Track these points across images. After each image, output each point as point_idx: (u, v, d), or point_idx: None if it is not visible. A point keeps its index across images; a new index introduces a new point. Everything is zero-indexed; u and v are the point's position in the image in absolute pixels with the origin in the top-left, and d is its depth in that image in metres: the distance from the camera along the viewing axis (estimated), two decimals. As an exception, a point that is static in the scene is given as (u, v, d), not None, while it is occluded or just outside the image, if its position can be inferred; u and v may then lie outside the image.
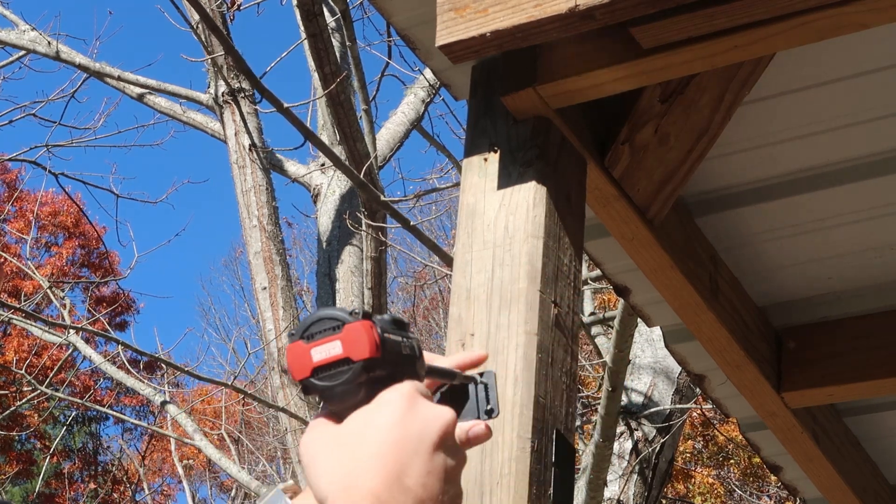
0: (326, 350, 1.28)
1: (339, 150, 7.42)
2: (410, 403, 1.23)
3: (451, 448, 1.25)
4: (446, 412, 1.27)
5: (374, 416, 1.23)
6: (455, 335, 2.03)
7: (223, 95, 8.48)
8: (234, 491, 19.30)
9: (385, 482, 1.17)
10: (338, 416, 1.29)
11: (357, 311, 1.30)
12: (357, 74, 7.61)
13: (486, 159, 2.16)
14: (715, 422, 12.15)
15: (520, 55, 2.17)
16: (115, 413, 11.81)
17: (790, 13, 2.01)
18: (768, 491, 14.23)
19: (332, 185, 8.75)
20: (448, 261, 7.23)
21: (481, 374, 1.42)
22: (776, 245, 2.98)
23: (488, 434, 1.38)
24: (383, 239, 7.63)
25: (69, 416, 19.97)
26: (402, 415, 1.22)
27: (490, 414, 1.39)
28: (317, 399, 1.30)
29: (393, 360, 1.29)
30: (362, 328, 1.28)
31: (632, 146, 2.39)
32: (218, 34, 6.87)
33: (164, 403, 9.08)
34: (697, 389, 7.40)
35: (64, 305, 9.75)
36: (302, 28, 7.14)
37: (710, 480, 13.63)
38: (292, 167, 8.93)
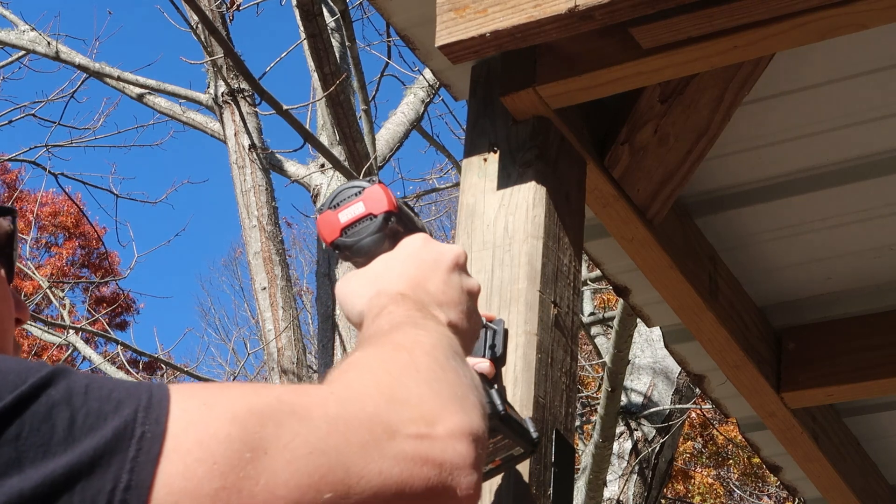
0: (351, 211, 1.50)
1: (338, 151, 7.42)
2: (426, 240, 1.44)
3: (466, 272, 1.43)
4: (458, 245, 1.48)
5: (397, 252, 1.43)
6: (455, 335, 2.03)
7: (223, 96, 8.48)
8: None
9: (409, 286, 1.36)
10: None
11: (374, 178, 1.51)
12: (357, 75, 7.61)
13: (485, 159, 2.16)
14: (714, 422, 12.16)
15: (519, 55, 2.17)
16: (114, 413, 11.77)
17: (790, 13, 2.01)
18: (768, 491, 14.23)
19: (331, 186, 8.75)
20: (448, 261, 7.22)
21: (492, 321, 1.63)
22: (776, 245, 2.98)
23: (490, 371, 1.62)
24: (383, 239, 7.63)
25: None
26: (419, 246, 1.43)
27: (493, 350, 1.62)
28: (347, 257, 1.50)
29: (408, 223, 1.49)
30: (380, 188, 1.51)
31: (631, 146, 2.39)
32: (217, 36, 6.87)
33: (163, 404, 9.08)
34: (697, 389, 7.40)
35: (64, 306, 9.75)
36: (301, 28, 7.14)
37: (710, 481, 13.63)
38: (292, 167, 8.92)
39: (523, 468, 1.86)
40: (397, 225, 1.48)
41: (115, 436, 0.89)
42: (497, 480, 1.86)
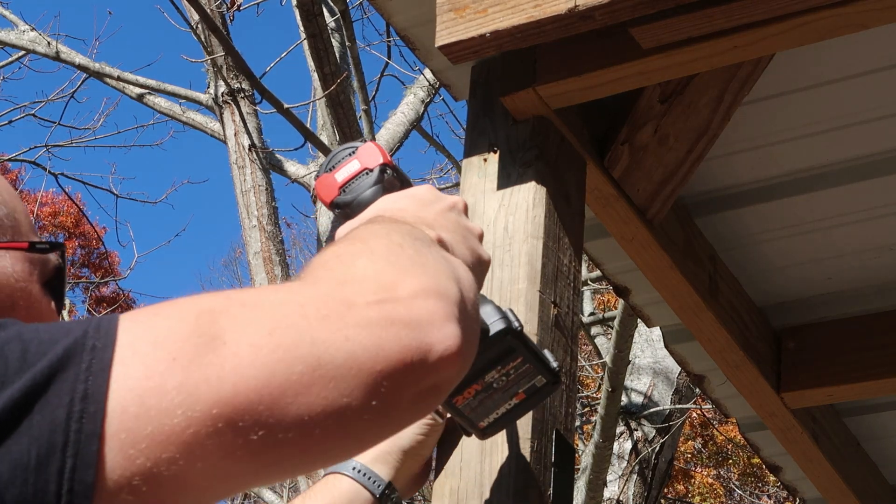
0: (347, 169, 1.52)
1: (338, 151, 7.42)
2: (430, 187, 1.42)
3: (465, 216, 1.41)
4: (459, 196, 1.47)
5: (395, 194, 1.42)
6: (455, 335, 2.03)
7: (223, 96, 8.48)
8: (233, 491, 19.32)
9: (401, 214, 1.31)
10: None
11: (365, 139, 1.47)
12: (357, 75, 7.62)
13: (485, 160, 2.16)
14: (714, 422, 12.16)
15: (519, 55, 2.17)
16: (114, 413, 11.77)
17: (790, 13, 2.01)
18: (768, 491, 14.23)
19: (331, 186, 8.72)
20: (448, 261, 7.21)
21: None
22: (775, 245, 2.98)
23: None
24: (383, 239, 7.63)
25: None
26: (422, 188, 1.41)
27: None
28: (347, 215, 1.48)
29: (404, 179, 1.50)
30: (372, 144, 1.53)
31: (631, 146, 2.39)
32: (218, 34, 6.87)
33: (163, 404, 9.07)
34: (697, 390, 7.40)
35: (64, 306, 9.75)
36: (301, 28, 7.14)
37: (710, 481, 13.63)
38: (292, 167, 8.92)
39: (523, 467, 1.86)
40: (394, 178, 1.49)
41: (67, 352, 0.89)
42: (494, 479, 1.85)
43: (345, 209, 1.49)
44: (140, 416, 0.88)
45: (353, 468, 1.73)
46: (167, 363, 0.90)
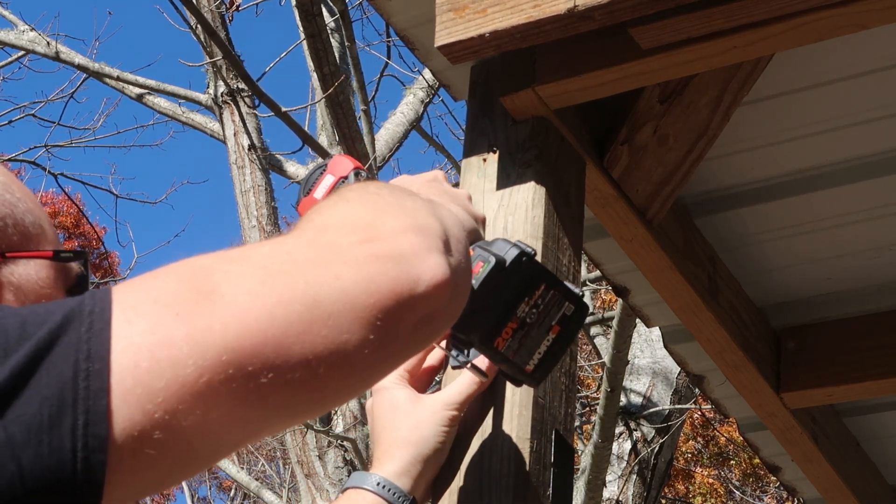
0: (324, 186, 1.55)
1: (337, 151, 7.42)
2: (402, 175, 1.50)
3: (447, 184, 1.50)
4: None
5: None
6: (454, 336, 2.02)
7: (222, 96, 8.48)
8: (233, 491, 19.31)
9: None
10: None
11: (330, 154, 1.51)
12: (356, 75, 7.62)
13: (484, 160, 2.16)
14: (715, 422, 12.16)
15: (519, 56, 2.17)
16: (114, 413, 11.77)
17: (789, 14, 2.01)
18: (769, 491, 14.22)
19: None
20: (447, 261, 7.20)
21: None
22: (775, 245, 2.98)
23: None
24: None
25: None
26: (395, 179, 1.47)
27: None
28: None
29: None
30: (339, 156, 1.58)
31: (631, 147, 2.39)
32: (216, 39, 6.88)
33: (163, 404, 9.06)
34: (696, 390, 7.40)
35: (63, 306, 9.75)
36: (301, 28, 7.14)
37: (711, 481, 13.63)
38: (292, 168, 8.92)
39: (522, 469, 1.86)
40: (369, 178, 1.53)
41: (65, 318, 0.92)
42: (494, 479, 1.85)
43: None
44: (153, 370, 0.91)
45: (377, 483, 1.68)
46: (171, 317, 0.94)
